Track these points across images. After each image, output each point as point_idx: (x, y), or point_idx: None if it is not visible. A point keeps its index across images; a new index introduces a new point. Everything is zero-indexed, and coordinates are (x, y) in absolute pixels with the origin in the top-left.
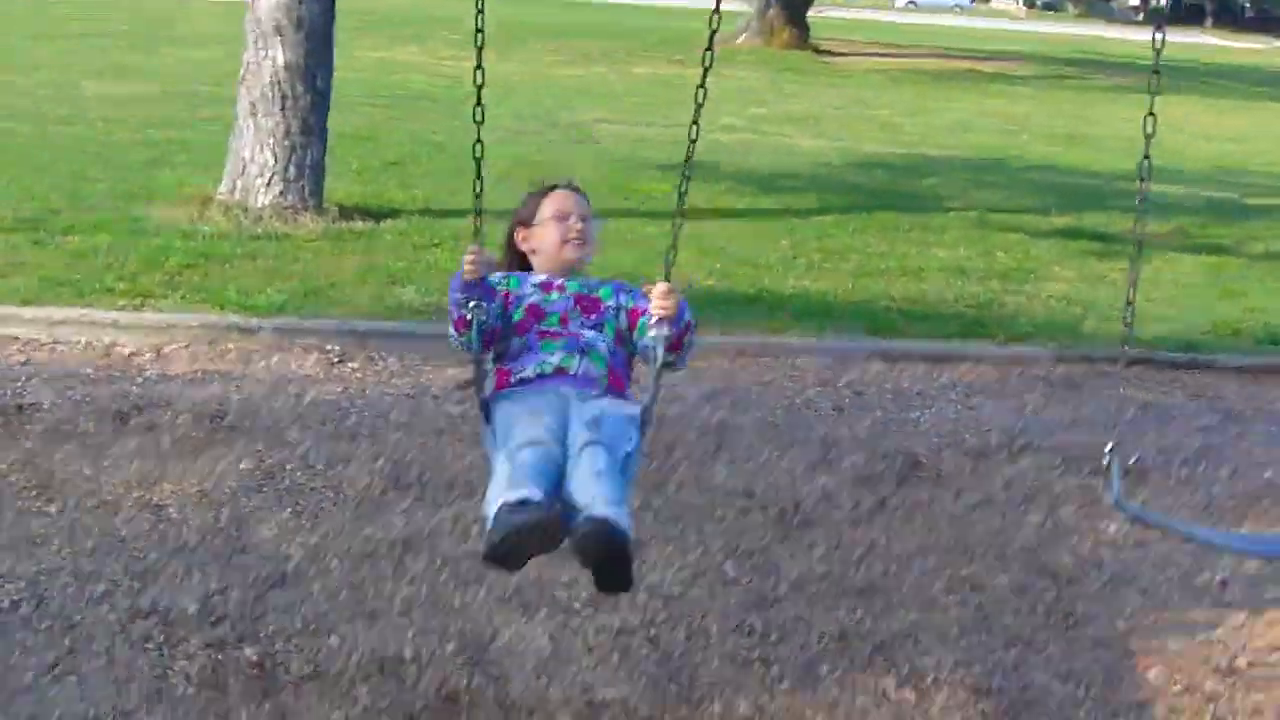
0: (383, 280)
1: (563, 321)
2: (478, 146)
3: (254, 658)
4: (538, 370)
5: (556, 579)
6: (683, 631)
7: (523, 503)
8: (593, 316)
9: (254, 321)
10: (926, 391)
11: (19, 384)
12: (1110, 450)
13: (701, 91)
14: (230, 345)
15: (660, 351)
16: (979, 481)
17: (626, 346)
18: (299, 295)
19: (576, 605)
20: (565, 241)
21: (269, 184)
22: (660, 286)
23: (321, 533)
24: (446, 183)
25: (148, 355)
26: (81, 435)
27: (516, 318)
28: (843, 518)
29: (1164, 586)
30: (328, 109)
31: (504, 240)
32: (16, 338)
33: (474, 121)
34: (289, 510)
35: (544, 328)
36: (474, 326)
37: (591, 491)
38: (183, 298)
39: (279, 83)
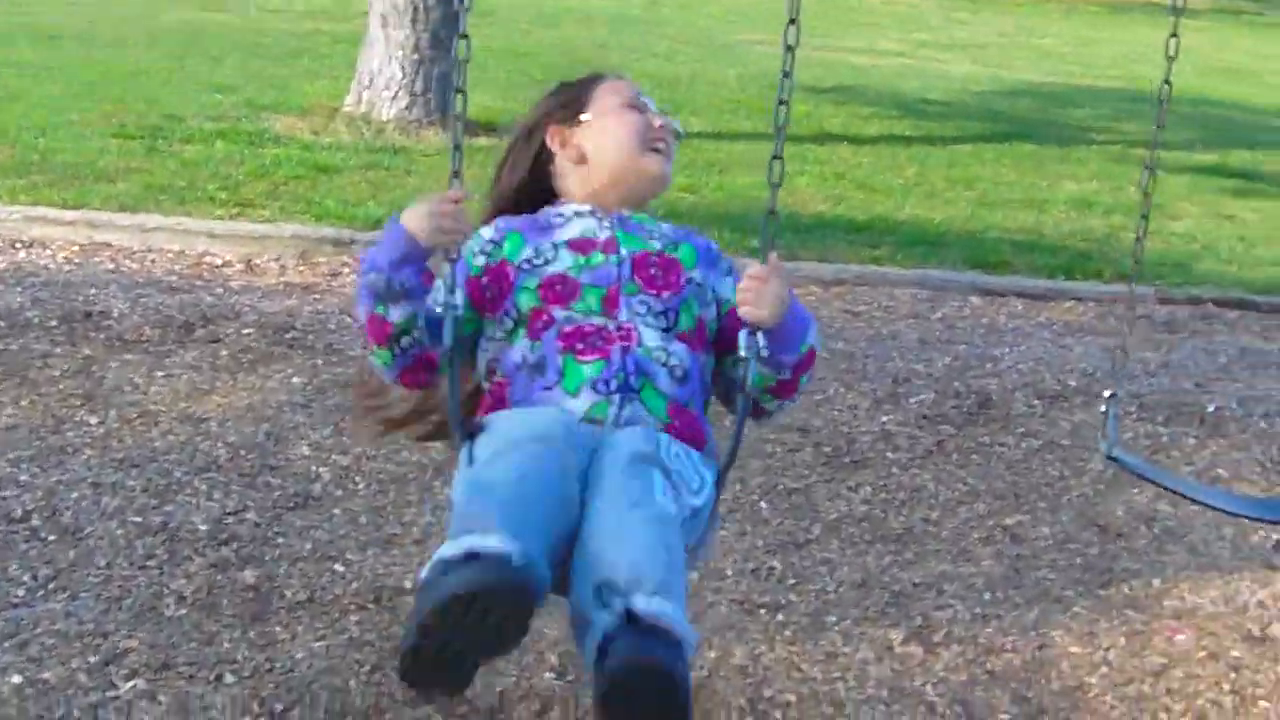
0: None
1: (608, 304)
2: (462, 44)
3: (251, 580)
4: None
5: None
6: (696, 573)
7: (472, 556)
8: (663, 293)
9: (348, 234)
10: (1021, 328)
11: (94, 291)
12: (1109, 397)
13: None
14: (321, 258)
15: (750, 377)
16: (1046, 426)
17: (708, 356)
18: (400, 209)
19: None
20: (648, 147)
21: (395, 97)
22: (754, 269)
23: (357, 454)
24: None
25: (237, 266)
26: (143, 344)
27: (525, 304)
28: (896, 459)
29: (1215, 545)
30: (464, 21)
31: (506, 153)
32: (109, 244)
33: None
34: (330, 428)
35: (573, 317)
36: (411, 349)
37: (630, 558)
38: (281, 208)
39: None
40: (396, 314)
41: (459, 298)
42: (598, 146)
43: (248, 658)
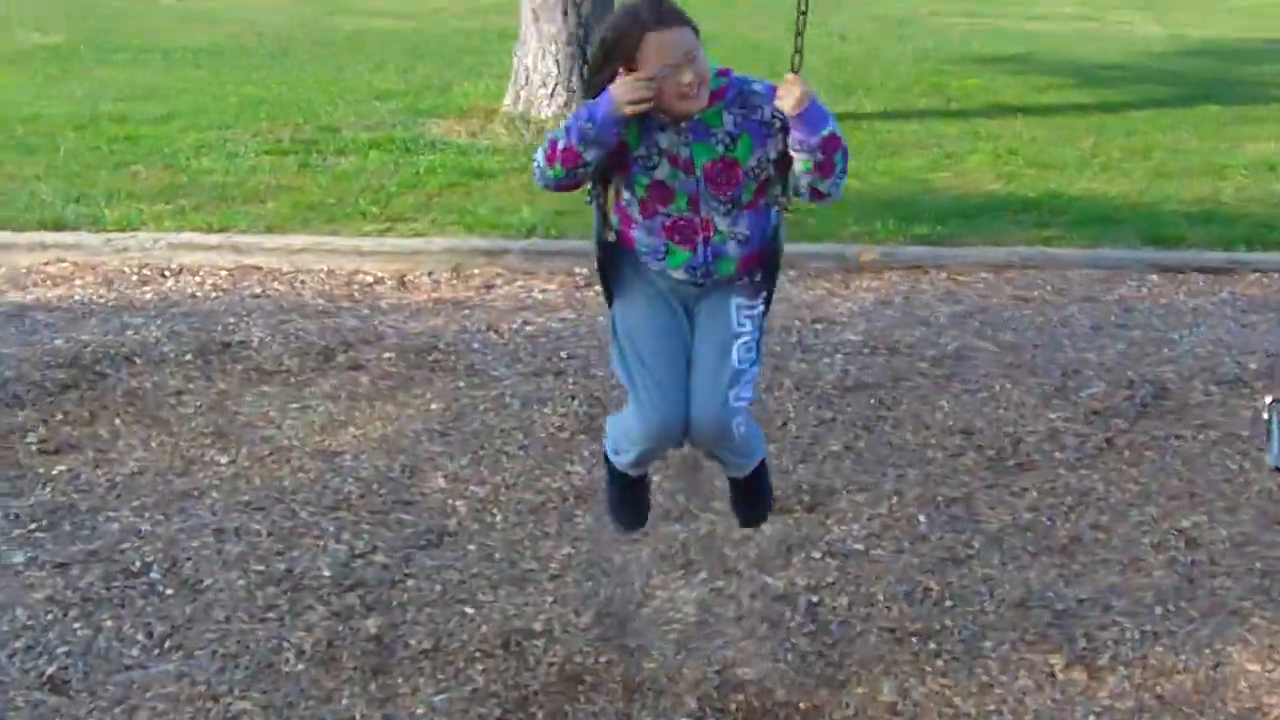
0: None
1: (692, 205)
2: None
3: (374, 630)
4: (660, 272)
5: (728, 536)
6: (846, 598)
7: (631, 488)
8: (728, 191)
9: (500, 244)
10: (1201, 307)
11: (234, 320)
12: (1271, 404)
13: None
14: (475, 270)
15: (804, 182)
16: (1225, 415)
17: (769, 197)
18: (554, 214)
19: (740, 566)
20: (679, 98)
21: (552, 94)
22: (786, 77)
23: (495, 483)
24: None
25: (389, 283)
26: (282, 375)
27: (640, 192)
28: (1063, 459)
29: None
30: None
31: (591, 72)
32: (259, 268)
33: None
34: (469, 457)
35: (671, 215)
36: (579, 173)
37: (724, 460)
38: (433, 220)
39: None
40: (591, 154)
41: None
42: None
43: (365, 716)
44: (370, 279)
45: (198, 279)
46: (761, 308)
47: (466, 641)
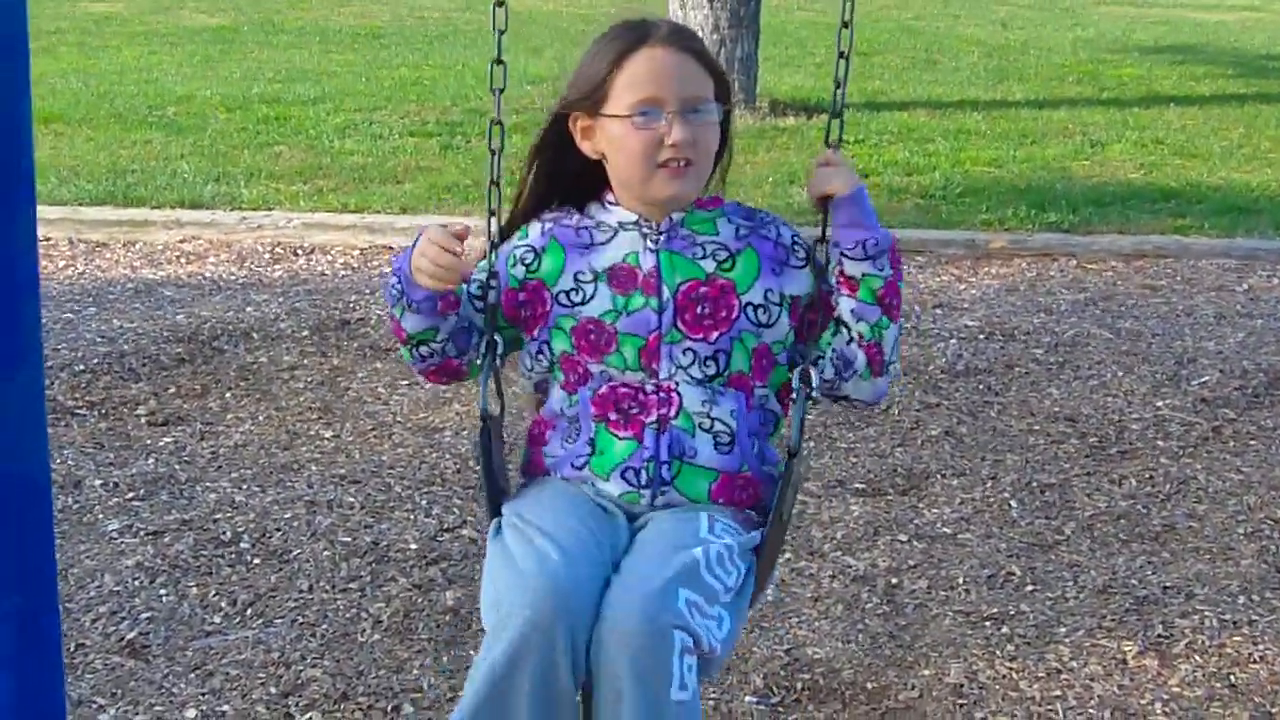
0: (783, 179)
1: (647, 356)
2: (498, 70)
3: (451, 603)
4: (586, 485)
5: (817, 518)
6: (926, 581)
7: None
8: (711, 335)
9: None
10: None
11: (355, 298)
12: None
13: None
14: None
15: (851, 331)
16: None
17: (772, 379)
18: None
19: (825, 548)
20: (653, 166)
21: None
22: (824, 155)
23: None
24: (911, 72)
25: None
26: (394, 352)
27: (558, 347)
28: (1166, 447)
29: None
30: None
31: (540, 135)
32: (390, 248)
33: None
34: None
35: (608, 373)
36: (425, 353)
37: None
38: None
39: None
40: (410, 324)
41: (496, 338)
42: (610, 152)
43: (432, 685)
44: None
45: (329, 258)
46: (754, 539)
47: None
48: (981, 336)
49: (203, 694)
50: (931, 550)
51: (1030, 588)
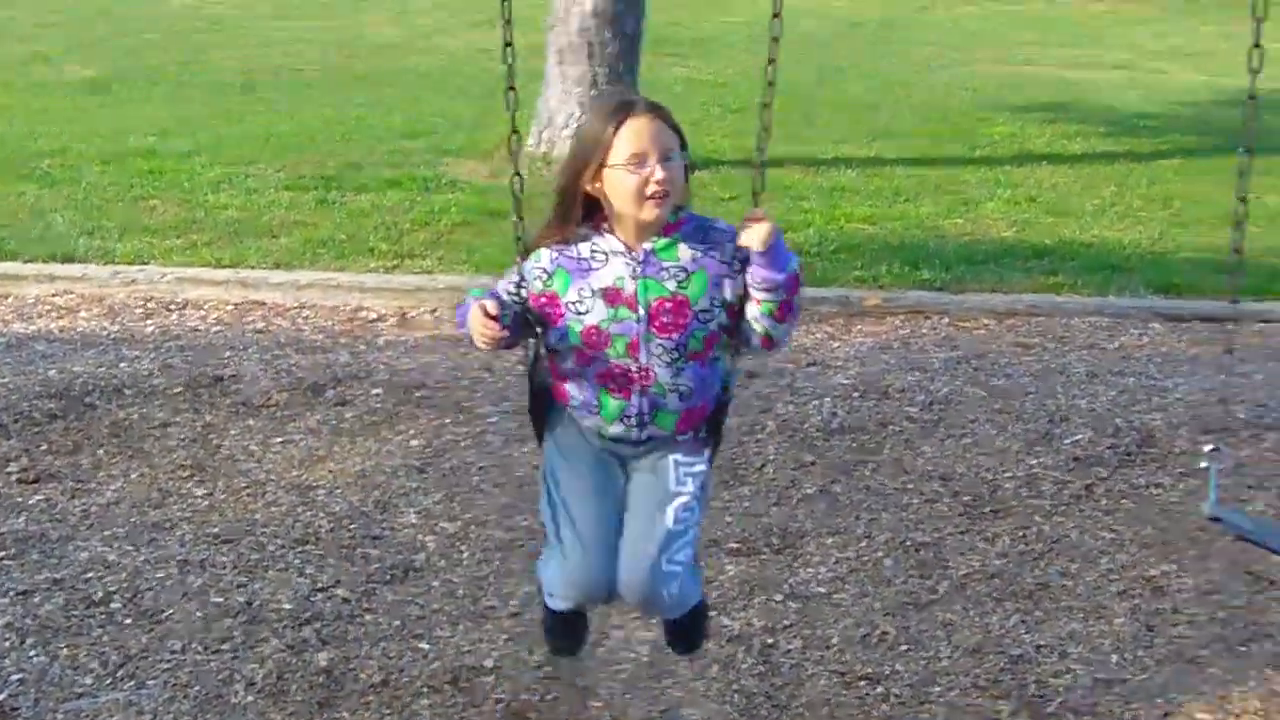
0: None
1: (631, 351)
2: (513, 139)
3: (325, 664)
4: (594, 427)
5: None
6: (801, 641)
7: (565, 622)
8: (673, 335)
9: None
10: (1200, 356)
11: (230, 354)
12: (1210, 452)
13: None
14: None
15: (758, 327)
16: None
17: (718, 351)
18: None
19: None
20: (643, 199)
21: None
22: (752, 213)
23: (466, 520)
24: (787, 130)
25: (391, 320)
26: (268, 409)
27: (573, 340)
28: (1040, 506)
29: None
30: (638, 56)
31: (561, 184)
32: (263, 303)
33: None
34: (442, 494)
35: (607, 361)
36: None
37: (657, 599)
38: (441, 258)
39: (587, 29)
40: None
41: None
42: (612, 195)
43: None
44: (373, 315)
45: (202, 313)
46: (705, 466)
47: (416, 676)
48: (856, 395)
49: None
50: (806, 610)
51: (904, 647)
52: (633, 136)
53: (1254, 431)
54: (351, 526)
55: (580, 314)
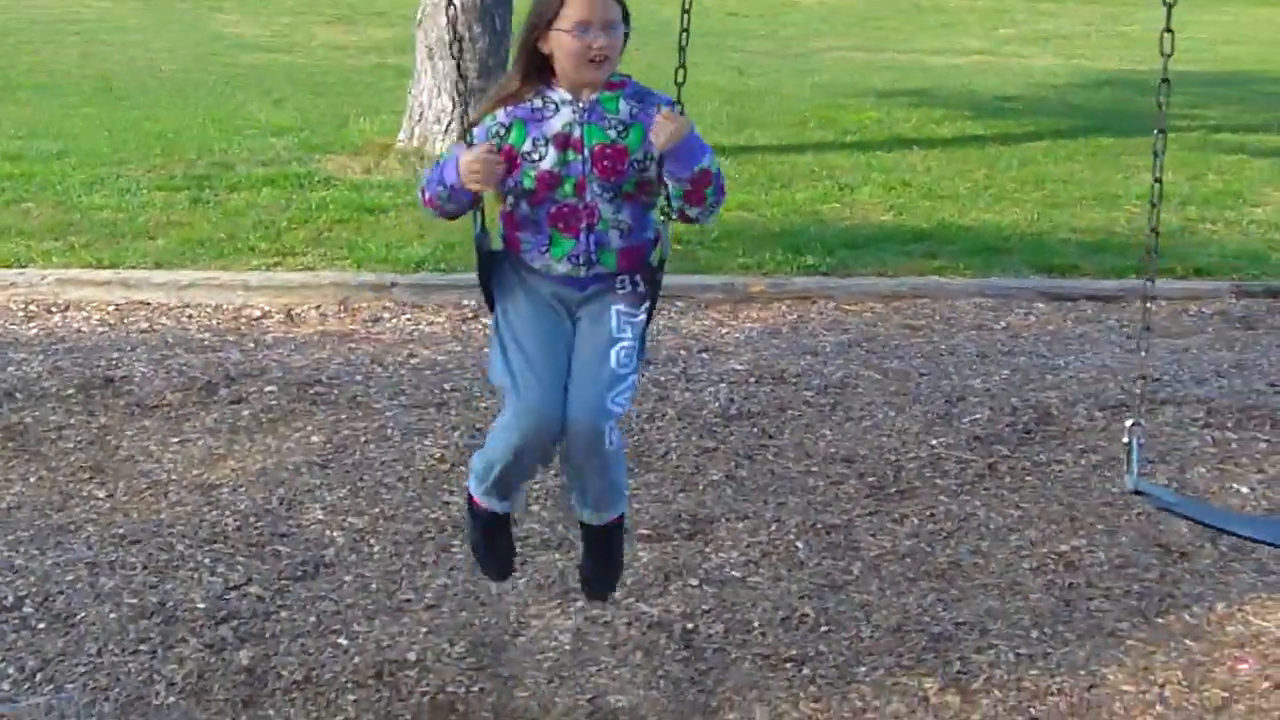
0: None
1: (578, 189)
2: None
3: (245, 662)
4: (544, 267)
5: None
6: (722, 625)
7: (491, 534)
8: (612, 179)
9: (389, 278)
10: (1088, 334)
11: (118, 355)
12: (1131, 426)
13: None
14: (362, 304)
15: (674, 205)
16: (1108, 440)
17: (650, 196)
18: (444, 247)
19: (617, 595)
20: (585, 61)
21: (446, 130)
22: (662, 112)
23: (374, 514)
24: None
25: (277, 317)
26: (163, 409)
27: (528, 184)
28: (945, 485)
29: None
30: (508, 51)
31: (519, 42)
32: (146, 304)
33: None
34: (347, 489)
35: (557, 201)
36: (452, 209)
37: (594, 489)
38: (323, 255)
39: (455, 25)
40: (451, 207)
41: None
42: (559, 55)
43: None
44: (258, 313)
45: (84, 314)
46: (643, 318)
47: (339, 672)
48: (751, 380)
49: None
50: (724, 594)
51: (825, 629)
52: (579, 4)
53: (1150, 406)
54: (259, 524)
55: (535, 161)
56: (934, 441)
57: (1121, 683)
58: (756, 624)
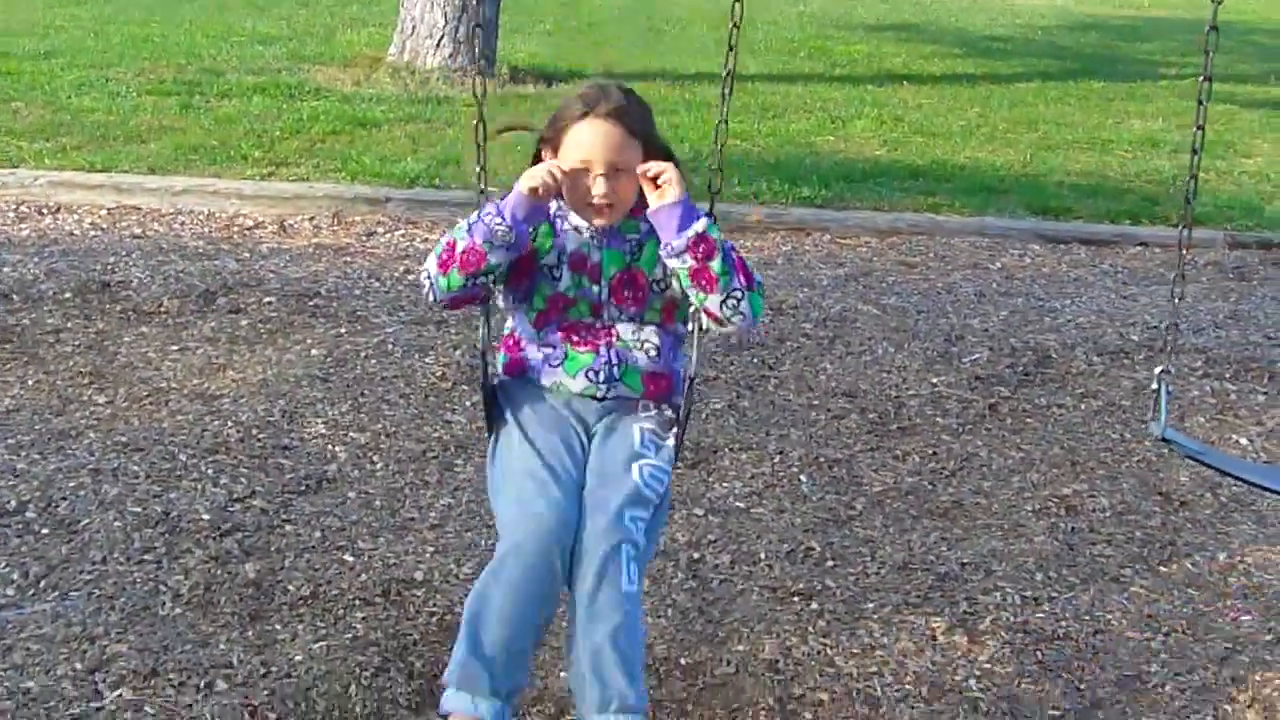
0: (531, 147)
1: (595, 311)
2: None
3: (251, 575)
4: (554, 385)
5: None
6: (728, 556)
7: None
8: (632, 307)
9: (383, 192)
10: (1084, 278)
11: (114, 260)
12: (1159, 373)
13: None
14: (356, 218)
15: (693, 301)
16: (1107, 385)
17: (677, 321)
18: (438, 164)
19: None
20: (584, 205)
21: (438, 45)
22: (651, 169)
23: (376, 430)
24: (642, 43)
25: (270, 228)
26: (161, 316)
27: (539, 304)
28: (947, 424)
29: None
30: None
31: (539, 136)
32: (138, 208)
33: None
34: (349, 404)
35: (570, 319)
36: (480, 280)
37: (603, 680)
38: (316, 166)
39: None
40: (496, 258)
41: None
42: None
43: (243, 661)
44: (251, 223)
45: (76, 217)
46: (671, 449)
47: (345, 589)
48: None
49: (4, 670)
50: (728, 524)
51: (831, 563)
52: (579, 143)
53: (1148, 354)
54: (260, 436)
55: (552, 278)
56: (934, 380)
57: (1126, 629)
58: (763, 556)
